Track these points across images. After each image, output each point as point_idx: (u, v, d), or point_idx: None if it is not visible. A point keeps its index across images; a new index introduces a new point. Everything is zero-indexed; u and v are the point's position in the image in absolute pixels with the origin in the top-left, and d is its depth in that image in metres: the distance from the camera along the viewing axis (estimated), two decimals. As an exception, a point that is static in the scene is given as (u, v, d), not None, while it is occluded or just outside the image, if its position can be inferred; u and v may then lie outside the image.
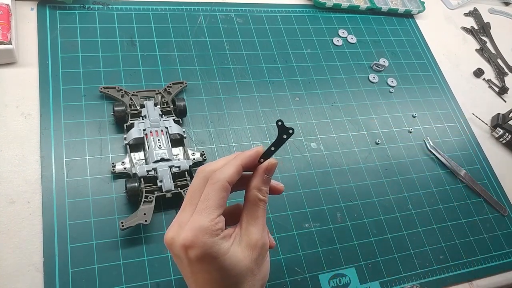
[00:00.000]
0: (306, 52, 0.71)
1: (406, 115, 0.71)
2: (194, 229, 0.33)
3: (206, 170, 0.36)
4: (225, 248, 0.34)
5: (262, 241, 0.36)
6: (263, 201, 0.37)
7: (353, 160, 0.63)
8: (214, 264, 0.33)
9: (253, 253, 0.35)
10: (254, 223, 0.36)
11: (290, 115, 0.64)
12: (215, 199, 0.34)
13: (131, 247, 0.48)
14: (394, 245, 0.57)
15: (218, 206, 0.34)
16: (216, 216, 0.34)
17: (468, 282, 0.58)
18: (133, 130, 0.53)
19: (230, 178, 0.35)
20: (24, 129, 0.52)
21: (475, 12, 0.93)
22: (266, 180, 0.37)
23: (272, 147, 0.36)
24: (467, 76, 0.82)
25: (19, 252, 0.45)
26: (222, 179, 0.34)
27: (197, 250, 0.33)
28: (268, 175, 0.37)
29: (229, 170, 0.35)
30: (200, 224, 0.33)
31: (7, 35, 0.53)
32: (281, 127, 0.35)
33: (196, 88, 0.62)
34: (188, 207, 0.35)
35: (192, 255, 0.33)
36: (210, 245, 0.33)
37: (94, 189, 0.50)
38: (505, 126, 0.73)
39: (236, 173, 0.35)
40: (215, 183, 0.34)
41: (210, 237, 0.33)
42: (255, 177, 0.37)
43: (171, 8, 0.68)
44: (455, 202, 0.64)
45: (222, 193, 0.34)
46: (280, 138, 0.36)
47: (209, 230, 0.33)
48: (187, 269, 0.35)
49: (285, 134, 0.36)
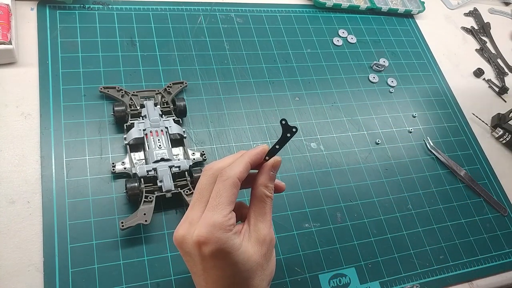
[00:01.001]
0: (306, 52, 0.71)
1: (406, 115, 0.71)
2: (208, 225, 0.33)
3: (214, 168, 0.36)
4: (238, 244, 0.34)
5: (270, 236, 0.37)
6: (269, 198, 0.38)
7: (353, 160, 0.63)
8: (227, 259, 0.34)
9: (262, 248, 0.36)
10: (262, 219, 0.37)
11: (290, 115, 0.64)
12: (227, 195, 0.34)
13: (131, 247, 0.48)
14: (394, 245, 0.57)
15: (230, 202, 0.35)
16: (228, 212, 0.34)
17: (468, 282, 0.58)
18: (133, 130, 0.53)
19: (240, 174, 0.35)
20: (24, 129, 0.52)
21: (475, 12, 0.93)
22: (272, 177, 0.38)
23: (276, 145, 0.38)
24: (467, 76, 0.82)
25: (19, 252, 0.45)
26: (232, 175, 0.35)
27: (212, 246, 0.33)
28: (273, 172, 0.38)
29: (238, 167, 0.36)
30: (213, 220, 0.33)
31: (7, 35, 0.53)
32: (285, 126, 0.36)
33: (196, 88, 0.62)
34: (198, 205, 0.35)
35: (206, 251, 0.33)
36: (224, 241, 0.33)
37: (94, 189, 0.50)
38: (505, 126, 0.73)
39: (245, 170, 0.36)
40: (225, 180, 0.35)
41: (224, 233, 0.33)
42: (262, 174, 0.38)
43: (171, 8, 0.68)
44: (455, 202, 0.64)
45: (233, 189, 0.35)
46: (284, 136, 0.37)
47: (223, 225, 0.33)
48: (199, 266, 0.35)
49: (288, 133, 0.37)
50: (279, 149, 0.38)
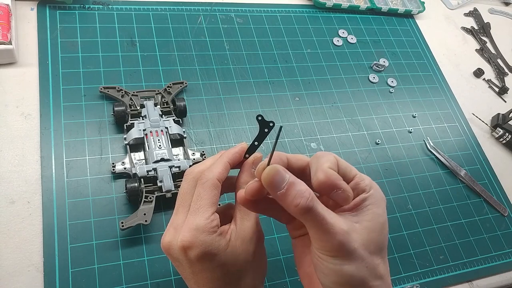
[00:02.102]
0: (306, 52, 0.71)
1: (406, 115, 0.71)
2: (191, 230, 0.33)
3: (194, 172, 0.36)
4: (224, 244, 0.34)
5: (258, 234, 0.37)
6: None
7: (353, 160, 0.63)
8: (214, 261, 0.33)
9: (251, 246, 0.36)
10: (248, 218, 0.36)
11: (290, 115, 0.64)
12: (207, 198, 0.34)
13: (131, 247, 0.48)
14: (394, 245, 0.57)
15: (211, 204, 0.34)
16: (210, 214, 0.34)
17: (468, 282, 0.58)
18: (133, 130, 0.53)
19: (219, 175, 0.35)
20: (24, 129, 0.52)
21: (475, 12, 0.93)
22: (253, 174, 0.37)
23: (255, 141, 0.37)
24: (467, 76, 0.82)
25: (19, 252, 0.45)
26: (211, 177, 0.35)
27: (197, 250, 0.33)
28: (254, 169, 0.37)
29: (217, 168, 0.36)
30: (196, 223, 0.33)
31: (7, 35, 0.53)
32: (261, 122, 0.35)
33: (196, 88, 0.62)
34: (181, 210, 0.35)
35: (192, 255, 0.33)
36: (209, 243, 0.33)
37: (94, 189, 0.50)
38: (505, 126, 0.73)
39: (224, 170, 0.36)
40: (205, 182, 0.35)
41: (208, 235, 0.33)
42: (243, 172, 0.37)
43: (171, 8, 0.68)
44: (455, 202, 0.64)
45: (214, 191, 0.35)
46: (262, 132, 0.36)
47: (206, 228, 0.33)
48: (188, 270, 0.35)
49: (266, 128, 0.36)
50: (258, 145, 0.37)
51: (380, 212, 0.33)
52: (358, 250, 0.30)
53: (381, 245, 0.32)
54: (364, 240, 0.31)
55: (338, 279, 0.30)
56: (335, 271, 0.30)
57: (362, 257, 0.30)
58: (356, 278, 0.30)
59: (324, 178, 0.31)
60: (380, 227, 0.32)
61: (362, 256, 0.30)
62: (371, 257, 0.31)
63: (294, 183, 0.30)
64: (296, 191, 0.29)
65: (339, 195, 0.32)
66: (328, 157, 0.33)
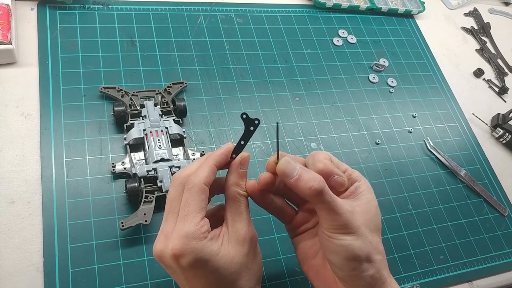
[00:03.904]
0: (306, 52, 0.71)
1: (406, 115, 0.71)
2: (180, 237, 0.33)
3: (181, 177, 0.36)
4: (216, 249, 0.34)
5: (250, 234, 0.36)
6: (243, 196, 0.37)
7: (353, 160, 0.63)
8: (207, 267, 0.33)
9: (244, 248, 0.35)
10: (239, 219, 0.36)
11: (290, 115, 0.64)
12: (195, 203, 0.34)
13: (131, 247, 0.48)
14: (394, 245, 0.57)
15: (200, 209, 0.34)
16: (200, 220, 0.33)
17: (468, 282, 0.58)
18: (133, 130, 0.53)
19: (206, 179, 0.35)
20: (24, 129, 0.52)
21: (475, 12, 0.93)
22: (242, 174, 0.37)
23: (241, 141, 0.36)
24: (467, 76, 0.82)
25: (19, 252, 0.45)
26: (198, 182, 0.34)
27: (188, 257, 0.32)
28: (243, 169, 0.37)
29: (203, 172, 0.35)
30: (185, 230, 0.33)
31: (7, 35, 0.53)
32: (246, 120, 0.35)
33: (196, 88, 0.62)
34: (171, 217, 0.35)
35: (184, 263, 0.33)
36: (200, 249, 0.33)
37: (94, 189, 0.50)
38: (505, 126, 0.73)
39: (211, 173, 0.35)
40: (191, 188, 0.34)
41: (198, 241, 0.33)
42: (231, 173, 0.37)
43: (171, 8, 0.68)
44: (455, 202, 0.64)
45: (201, 195, 0.34)
46: (247, 130, 0.36)
47: (196, 234, 0.33)
48: (181, 277, 0.34)
49: (251, 126, 0.35)
50: (244, 144, 0.36)
51: (373, 197, 0.38)
52: (362, 227, 0.34)
53: (378, 226, 0.37)
54: (364, 219, 0.35)
55: (348, 254, 0.34)
56: (344, 246, 0.34)
57: (365, 233, 0.34)
58: (363, 252, 0.34)
59: (323, 166, 0.36)
60: (375, 209, 0.37)
61: (365, 233, 0.34)
62: (372, 234, 0.35)
63: (305, 169, 0.34)
64: (309, 177, 0.34)
65: (336, 180, 0.37)
66: (323, 153, 0.38)
